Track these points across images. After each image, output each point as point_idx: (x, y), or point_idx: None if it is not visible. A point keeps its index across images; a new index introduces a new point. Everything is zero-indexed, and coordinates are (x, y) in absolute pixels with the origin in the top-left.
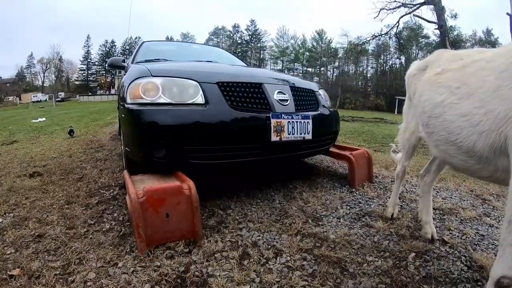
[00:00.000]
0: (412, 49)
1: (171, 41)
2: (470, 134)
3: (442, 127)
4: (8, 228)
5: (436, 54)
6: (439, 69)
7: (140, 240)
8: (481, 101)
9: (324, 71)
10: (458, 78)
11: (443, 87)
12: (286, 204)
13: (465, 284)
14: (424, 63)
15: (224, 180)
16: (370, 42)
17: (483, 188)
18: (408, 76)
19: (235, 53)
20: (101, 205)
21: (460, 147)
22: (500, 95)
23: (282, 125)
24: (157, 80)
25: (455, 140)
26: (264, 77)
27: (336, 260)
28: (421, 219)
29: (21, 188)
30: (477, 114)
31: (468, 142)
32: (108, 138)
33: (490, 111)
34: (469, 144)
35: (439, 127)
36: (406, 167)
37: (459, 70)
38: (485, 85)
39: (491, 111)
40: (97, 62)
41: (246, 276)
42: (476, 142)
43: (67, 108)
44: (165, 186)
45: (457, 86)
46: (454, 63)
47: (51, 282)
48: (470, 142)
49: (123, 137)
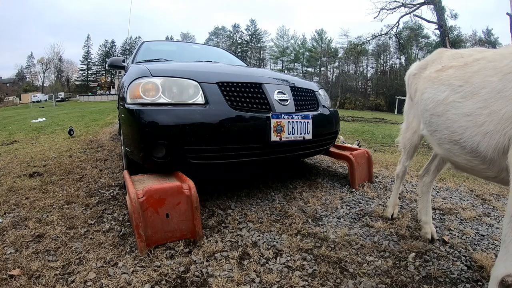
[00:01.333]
0: (412, 49)
1: (171, 41)
2: (474, 134)
3: (445, 126)
4: (8, 228)
5: (436, 53)
6: (440, 66)
7: (140, 240)
8: (485, 102)
9: (324, 71)
10: (460, 76)
11: (444, 84)
12: (286, 204)
13: (465, 284)
14: (425, 62)
15: (224, 180)
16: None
17: (483, 188)
18: (409, 76)
19: (235, 53)
20: (101, 205)
21: (464, 147)
22: (505, 96)
23: (282, 125)
24: (157, 80)
25: (459, 139)
26: (264, 77)
27: (336, 260)
28: (420, 219)
29: (21, 188)
30: (481, 114)
31: (472, 142)
32: (108, 138)
33: (495, 112)
34: (472, 144)
35: (442, 125)
36: (407, 167)
37: (460, 68)
38: (489, 86)
39: (495, 112)
40: (97, 62)
41: (246, 276)
42: (480, 142)
43: (67, 108)
44: (165, 186)
45: (459, 84)
46: (455, 61)
47: (51, 282)
48: (474, 143)
49: (123, 137)
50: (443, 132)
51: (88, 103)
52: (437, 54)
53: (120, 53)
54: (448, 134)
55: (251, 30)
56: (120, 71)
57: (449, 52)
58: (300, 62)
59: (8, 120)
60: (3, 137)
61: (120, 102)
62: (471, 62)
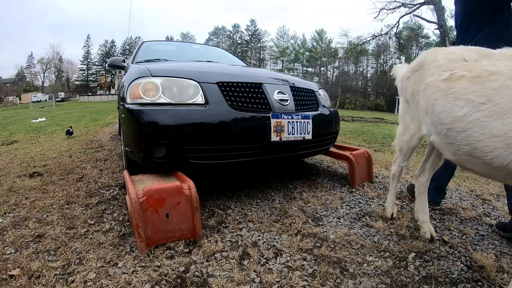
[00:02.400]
0: (412, 49)
1: (171, 41)
2: (508, 153)
3: (467, 142)
4: (8, 228)
5: (429, 53)
6: (447, 74)
7: (140, 240)
8: None
9: (324, 71)
10: (479, 92)
11: (461, 99)
12: (286, 204)
13: (465, 284)
14: (417, 64)
15: (224, 180)
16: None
17: (483, 188)
18: (402, 79)
19: (235, 53)
20: (101, 205)
21: (489, 163)
22: None
23: (282, 125)
24: (157, 80)
25: (483, 156)
26: (264, 77)
27: (336, 260)
28: (417, 219)
29: (21, 188)
30: None
31: (501, 161)
32: (108, 138)
33: None
34: (502, 163)
35: (462, 141)
36: (403, 168)
37: (475, 81)
38: None
39: None
40: (97, 62)
41: (246, 276)
42: None
43: (67, 108)
44: (165, 186)
45: (481, 102)
46: (459, 66)
47: (51, 282)
48: (504, 161)
49: (123, 137)
50: (462, 147)
51: (88, 103)
52: (431, 55)
53: (120, 53)
54: (469, 149)
55: (251, 30)
56: (120, 71)
57: (444, 51)
58: (300, 62)
59: (8, 120)
60: (3, 137)
61: (120, 102)
62: (486, 76)
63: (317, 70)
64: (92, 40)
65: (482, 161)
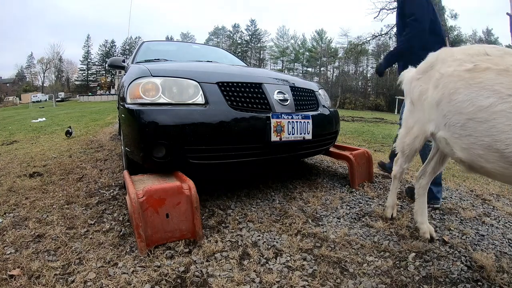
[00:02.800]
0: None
1: (171, 41)
2: None
3: (488, 134)
4: (8, 228)
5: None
6: (470, 65)
7: (140, 240)
8: None
9: (324, 71)
10: (507, 84)
11: (487, 89)
12: (286, 204)
13: (465, 284)
14: (427, 64)
15: (224, 180)
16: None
17: (483, 188)
18: (410, 80)
19: (235, 53)
20: (101, 205)
21: (508, 157)
22: None
23: (282, 125)
24: (157, 80)
25: (504, 149)
26: (264, 77)
27: (336, 260)
28: (416, 220)
29: (21, 188)
30: None
31: None
32: (108, 138)
33: None
34: None
35: (482, 132)
36: (404, 169)
37: (503, 74)
38: None
39: None
40: (97, 62)
41: (246, 276)
42: None
43: (67, 108)
44: (165, 186)
45: (509, 93)
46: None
47: (51, 282)
48: None
49: (123, 137)
50: (480, 138)
51: (88, 103)
52: (443, 52)
53: (120, 53)
54: (488, 141)
55: (251, 30)
56: (120, 71)
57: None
58: (300, 62)
59: (8, 120)
60: (3, 137)
61: (120, 102)
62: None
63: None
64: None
65: (500, 155)
